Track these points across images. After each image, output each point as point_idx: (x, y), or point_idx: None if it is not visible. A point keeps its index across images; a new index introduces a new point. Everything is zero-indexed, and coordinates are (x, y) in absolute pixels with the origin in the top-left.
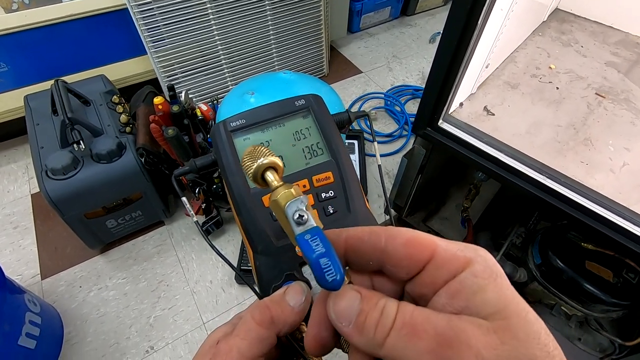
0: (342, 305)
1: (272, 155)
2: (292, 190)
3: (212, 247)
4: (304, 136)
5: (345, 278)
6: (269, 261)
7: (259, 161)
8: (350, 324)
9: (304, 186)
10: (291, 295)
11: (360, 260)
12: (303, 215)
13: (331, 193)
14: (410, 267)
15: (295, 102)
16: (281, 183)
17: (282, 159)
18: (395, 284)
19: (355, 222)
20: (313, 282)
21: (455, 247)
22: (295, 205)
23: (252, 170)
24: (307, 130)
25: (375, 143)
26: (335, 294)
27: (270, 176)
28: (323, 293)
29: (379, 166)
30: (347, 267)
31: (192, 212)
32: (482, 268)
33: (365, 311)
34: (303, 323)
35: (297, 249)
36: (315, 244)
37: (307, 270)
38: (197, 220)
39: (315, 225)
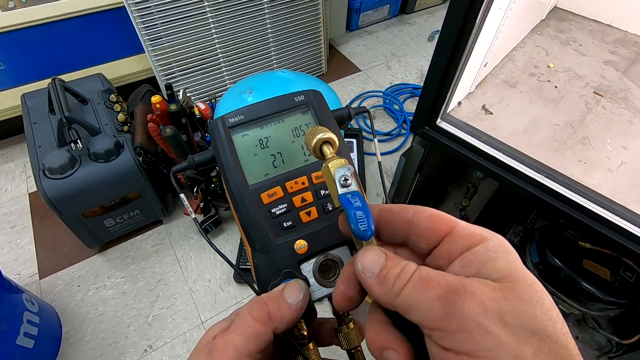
0: (368, 259)
1: (329, 132)
2: (342, 160)
3: (210, 243)
4: (303, 132)
5: (375, 241)
6: (268, 259)
7: (318, 136)
8: (373, 275)
9: (303, 183)
10: (289, 293)
11: (389, 230)
12: (347, 179)
13: None
14: (431, 238)
15: (295, 98)
16: (334, 155)
17: (281, 156)
18: (417, 257)
19: None
20: (311, 280)
21: (474, 227)
22: (343, 171)
23: (311, 144)
24: (307, 127)
25: (376, 140)
26: (364, 251)
27: (325, 149)
28: (353, 256)
29: (379, 163)
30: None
31: (191, 209)
32: (495, 245)
33: (387, 266)
34: (302, 320)
35: (336, 204)
36: (354, 200)
37: (305, 268)
38: (195, 217)
39: (356, 189)
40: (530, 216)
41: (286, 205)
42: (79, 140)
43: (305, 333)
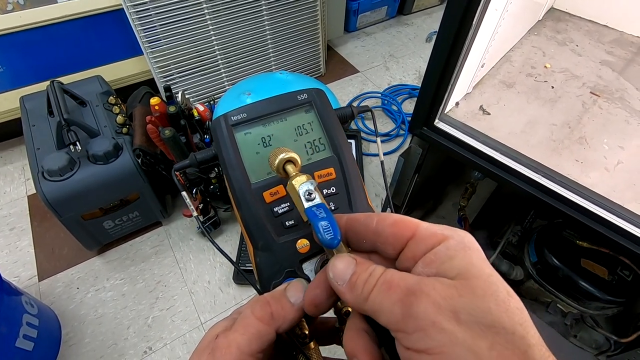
0: (339, 267)
1: (291, 152)
2: (305, 176)
3: (212, 242)
4: (306, 131)
5: (345, 247)
6: (270, 257)
7: (280, 156)
8: (344, 282)
9: None
10: (292, 292)
11: (357, 238)
12: (311, 193)
13: (333, 189)
14: (395, 243)
15: (298, 97)
16: (297, 173)
17: None
18: (387, 262)
19: None
20: (311, 278)
21: (435, 227)
22: (306, 186)
23: (275, 165)
24: (310, 125)
25: (378, 140)
26: (335, 259)
27: (288, 168)
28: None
29: (382, 162)
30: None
31: (192, 206)
32: (455, 243)
33: (357, 273)
34: (304, 320)
35: (304, 219)
36: (319, 212)
37: (308, 267)
38: (197, 216)
39: (321, 201)
40: (528, 216)
41: (289, 204)
42: (77, 142)
43: (307, 332)
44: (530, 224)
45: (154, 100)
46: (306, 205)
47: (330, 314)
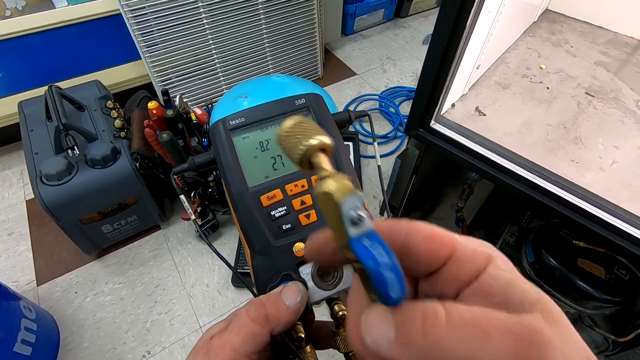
0: (375, 327)
1: (322, 134)
2: (347, 181)
3: (210, 245)
4: None
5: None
6: (266, 261)
7: (309, 142)
8: (390, 343)
9: (303, 186)
10: (287, 295)
11: None
12: (362, 215)
13: None
14: (431, 262)
15: (296, 101)
16: (333, 171)
17: (281, 159)
18: (409, 283)
19: None
20: (310, 283)
21: (473, 244)
22: (353, 202)
23: (298, 153)
24: None
25: (375, 144)
26: (365, 317)
27: (321, 161)
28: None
29: (379, 167)
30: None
31: (191, 210)
32: (503, 262)
33: (402, 322)
34: (299, 323)
35: (338, 245)
36: (378, 252)
37: (304, 271)
38: (195, 219)
39: (372, 228)
40: (525, 216)
41: (285, 208)
42: (75, 147)
43: (303, 336)
44: (527, 224)
45: (151, 104)
46: (353, 233)
47: (328, 317)
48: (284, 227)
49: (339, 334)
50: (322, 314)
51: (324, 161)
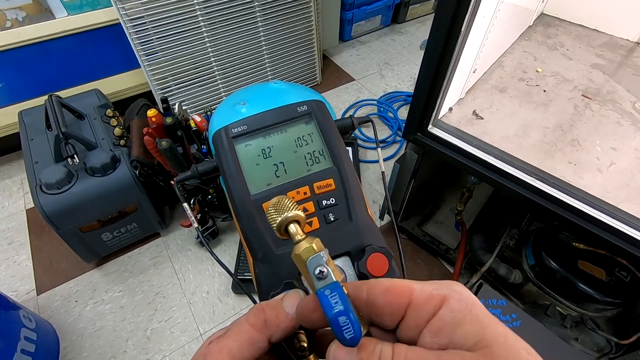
0: (341, 357)
1: (296, 209)
2: (314, 245)
3: (211, 252)
4: (305, 142)
5: None
6: (269, 269)
7: (283, 215)
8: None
9: (305, 193)
10: (288, 302)
11: None
12: (323, 271)
13: (332, 200)
14: (393, 313)
15: (298, 108)
16: (304, 236)
17: (283, 166)
18: (388, 334)
19: (357, 230)
20: (310, 291)
21: (430, 287)
22: (317, 261)
23: (276, 223)
24: (310, 137)
25: (379, 149)
26: (334, 348)
27: (293, 228)
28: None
29: (382, 173)
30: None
31: (193, 217)
32: (457, 303)
33: (364, 359)
34: (302, 332)
35: (311, 291)
36: (335, 300)
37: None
38: (198, 227)
39: (335, 280)
40: (524, 219)
41: None
42: (75, 155)
43: (306, 345)
44: (527, 227)
45: (151, 112)
46: (318, 285)
47: None
48: None
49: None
50: None
51: (296, 229)
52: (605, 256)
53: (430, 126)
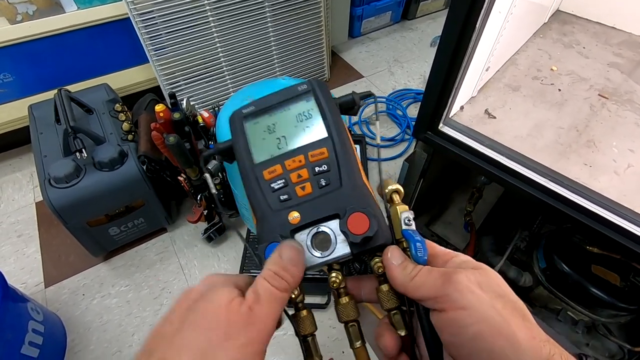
0: (396, 254)
1: (396, 184)
2: (406, 206)
3: (238, 234)
4: (306, 117)
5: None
6: (266, 226)
7: (389, 187)
8: (398, 263)
9: (300, 161)
10: (286, 255)
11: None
12: (410, 220)
13: (324, 167)
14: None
15: (299, 87)
16: (400, 202)
17: (285, 139)
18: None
19: (348, 196)
20: (305, 250)
21: (445, 249)
22: (407, 214)
23: (386, 191)
24: (309, 112)
25: (377, 123)
26: (392, 249)
27: (394, 197)
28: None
29: (379, 156)
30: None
31: (213, 186)
32: (463, 256)
33: (406, 262)
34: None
35: (396, 237)
36: (415, 235)
37: (299, 238)
38: (218, 192)
39: (415, 228)
40: (536, 221)
41: (284, 181)
42: (83, 150)
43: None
44: (539, 229)
45: (158, 107)
46: (404, 227)
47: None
48: (281, 197)
49: (380, 290)
50: (329, 317)
51: (396, 197)
52: (620, 261)
53: (441, 125)
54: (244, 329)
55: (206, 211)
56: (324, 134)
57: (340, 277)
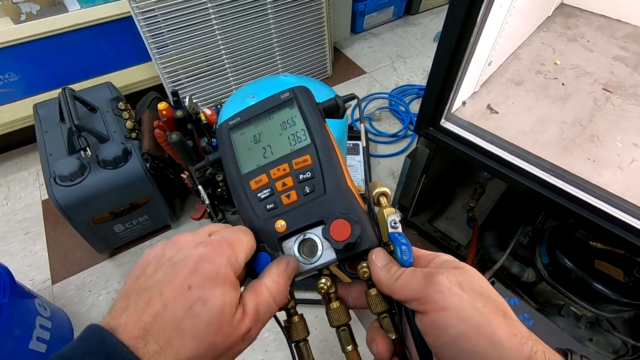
0: (381, 256)
1: (384, 187)
2: (393, 209)
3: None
4: (289, 125)
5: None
6: (255, 235)
7: (376, 190)
8: (382, 265)
9: (284, 169)
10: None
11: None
12: (396, 223)
13: (308, 174)
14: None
15: (281, 96)
16: (387, 205)
17: (270, 148)
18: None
19: (332, 202)
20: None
21: (426, 252)
22: (393, 217)
23: (372, 194)
24: (293, 119)
25: (362, 125)
26: (377, 251)
27: (382, 199)
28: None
29: (364, 148)
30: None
31: (206, 197)
32: (445, 256)
33: (390, 264)
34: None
35: (384, 240)
36: (401, 238)
37: (287, 245)
38: (208, 204)
39: (401, 231)
40: (539, 216)
41: (269, 190)
42: (88, 148)
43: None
44: (542, 224)
45: (161, 105)
46: (390, 230)
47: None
48: (267, 206)
49: (369, 294)
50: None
51: (382, 199)
52: (623, 256)
53: (443, 120)
54: (236, 345)
55: (209, 208)
56: (307, 141)
57: (329, 283)
